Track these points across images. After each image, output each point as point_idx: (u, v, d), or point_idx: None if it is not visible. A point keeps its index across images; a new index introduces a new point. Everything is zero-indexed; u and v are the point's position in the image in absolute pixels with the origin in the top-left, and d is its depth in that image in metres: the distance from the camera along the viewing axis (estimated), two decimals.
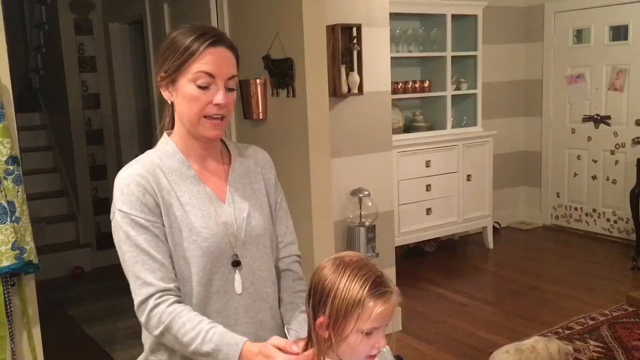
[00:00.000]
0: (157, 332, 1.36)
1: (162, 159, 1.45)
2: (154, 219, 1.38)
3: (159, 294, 1.36)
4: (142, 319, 1.38)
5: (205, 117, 1.40)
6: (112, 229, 1.43)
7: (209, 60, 1.37)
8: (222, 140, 1.56)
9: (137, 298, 1.38)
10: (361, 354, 1.28)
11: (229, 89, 1.41)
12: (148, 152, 1.50)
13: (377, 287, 1.25)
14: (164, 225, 1.40)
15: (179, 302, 1.38)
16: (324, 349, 1.28)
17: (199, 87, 1.38)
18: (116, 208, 1.40)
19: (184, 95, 1.40)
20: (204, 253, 1.40)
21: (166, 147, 1.47)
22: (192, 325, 1.33)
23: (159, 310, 1.35)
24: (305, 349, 1.32)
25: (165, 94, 1.45)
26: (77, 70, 5.33)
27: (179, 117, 1.45)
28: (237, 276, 1.45)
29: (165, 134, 1.51)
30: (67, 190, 5.67)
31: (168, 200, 1.41)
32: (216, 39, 1.39)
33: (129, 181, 1.40)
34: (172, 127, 1.50)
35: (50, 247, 5.15)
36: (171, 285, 1.38)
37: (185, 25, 1.45)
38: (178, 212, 1.41)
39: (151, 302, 1.35)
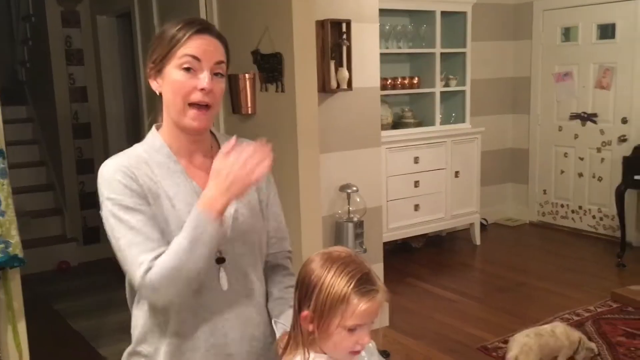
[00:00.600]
0: (163, 286, 1.30)
1: (148, 152, 1.44)
2: (142, 201, 1.37)
3: (151, 270, 1.31)
4: (149, 282, 1.30)
5: (190, 104, 1.39)
6: (103, 219, 1.40)
7: (195, 45, 1.37)
8: (213, 134, 1.54)
9: (137, 274, 1.31)
10: (344, 350, 1.28)
11: (215, 74, 1.40)
12: (135, 145, 1.48)
13: (363, 284, 1.25)
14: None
15: None
16: (308, 342, 1.28)
17: (185, 70, 1.37)
18: (104, 197, 1.38)
19: (170, 81, 1.39)
20: None
21: (154, 141, 1.46)
22: (171, 246, 1.31)
23: (159, 261, 1.31)
24: (288, 341, 1.32)
25: (154, 85, 1.44)
26: (64, 63, 5.28)
27: (166, 107, 1.44)
28: (223, 273, 1.44)
29: (153, 128, 1.49)
30: (53, 184, 5.63)
31: (155, 191, 1.40)
32: (203, 27, 1.40)
33: (114, 170, 1.39)
34: (162, 121, 1.49)
35: (36, 241, 5.11)
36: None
37: (173, 19, 1.45)
38: (164, 203, 1.40)
39: (148, 276, 1.30)
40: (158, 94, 1.45)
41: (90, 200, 5.51)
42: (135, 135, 5.18)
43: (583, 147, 5.69)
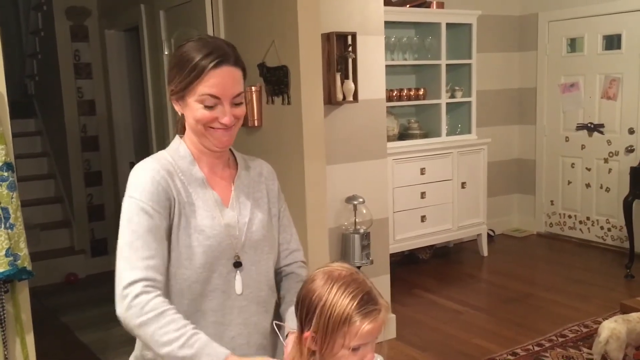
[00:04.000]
0: (136, 321, 1.31)
1: (174, 159, 1.50)
2: (160, 210, 1.41)
3: (146, 282, 1.33)
4: (124, 304, 1.33)
5: (212, 128, 1.44)
6: (121, 212, 1.43)
7: (214, 83, 1.41)
8: (230, 150, 1.60)
9: (122, 282, 1.34)
10: None
11: (236, 104, 1.45)
12: (161, 151, 1.54)
13: (365, 304, 1.24)
14: (169, 221, 1.43)
15: (163, 297, 1.35)
16: None
17: (206, 107, 1.42)
18: (128, 194, 1.43)
19: (192, 113, 1.45)
20: (205, 251, 1.43)
21: (179, 148, 1.52)
22: (176, 326, 1.30)
23: (144, 299, 1.31)
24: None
25: (176, 107, 1.50)
26: (73, 77, 5.33)
27: (189, 128, 1.50)
28: (238, 277, 1.48)
29: (177, 136, 1.55)
30: (61, 197, 5.66)
31: (178, 198, 1.45)
32: (221, 59, 1.42)
33: (145, 174, 1.44)
34: (184, 131, 1.54)
35: (44, 254, 5.13)
36: (159, 277, 1.37)
37: (192, 39, 1.48)
38: (185, 209, 1.45)
39: (137, 288, 1.32)
40: (180, 114, 1.51)
41: (99, 212, 5.54)
42: (142, 147, 5.21)
43: (590, 158, 5.67)
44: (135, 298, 1.32)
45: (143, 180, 1.42)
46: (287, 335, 1.45)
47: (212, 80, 1.40)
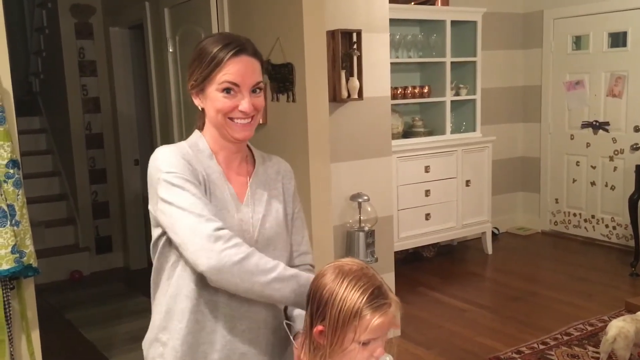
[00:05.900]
0: (236, 257, 1.35)
1: (194, 151, 1.52)
2: (197, 183, 1.43)
3: (227, 231, 1.38)
4: (217, 246, 1.34)
5: (232, 119, 1.47)
6: (161, 192, 1.41)
7: (233, 70, 1.44)
8: (248, 147, 1.62)
9: (205, 231, 1.35)
10: None
11: (254, 91, 1.49)
12: (181, 142, 1.56)
13: (375, 298, 1.25)
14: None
15: None
16: (322, 356, 1.28)
17: (226, 95, 1.45)
18: (164, 171, 1.42)
19: (212, 102, 1.47)
20: None
21: (197, 142, 1.54)
22: (270, 258, 1.40)
23: (237, 240, 1.37)
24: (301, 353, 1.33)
25: (196, 101, 1.53)
26: (78, 74, 5.34)
27: (209, 121, 1.52)
28: None
29: (197, 130, 1.57)
30: (66, 194, 5.67)
31: (202, 182, 1.47)
32: (239, 48, 1.46)
33: (174, 152, 1.46)
34: (203, 128, 1.57)
35: (49, 251, 5.14)
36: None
37: (212, 35, 1.54)
38: (209, 196, 1.47)
39: (226, 233, 1.36)
40: (200, 109, 1.53)
41: (103, 209, 5.55)
42: (147, 144, 5.22)
43: (595, 156, 5.66)
44: (230, 239, 1.36)
45: (175, 159, 1.44)
46: (294, 336, 1.46)
47: (231, 67, 1.44)
